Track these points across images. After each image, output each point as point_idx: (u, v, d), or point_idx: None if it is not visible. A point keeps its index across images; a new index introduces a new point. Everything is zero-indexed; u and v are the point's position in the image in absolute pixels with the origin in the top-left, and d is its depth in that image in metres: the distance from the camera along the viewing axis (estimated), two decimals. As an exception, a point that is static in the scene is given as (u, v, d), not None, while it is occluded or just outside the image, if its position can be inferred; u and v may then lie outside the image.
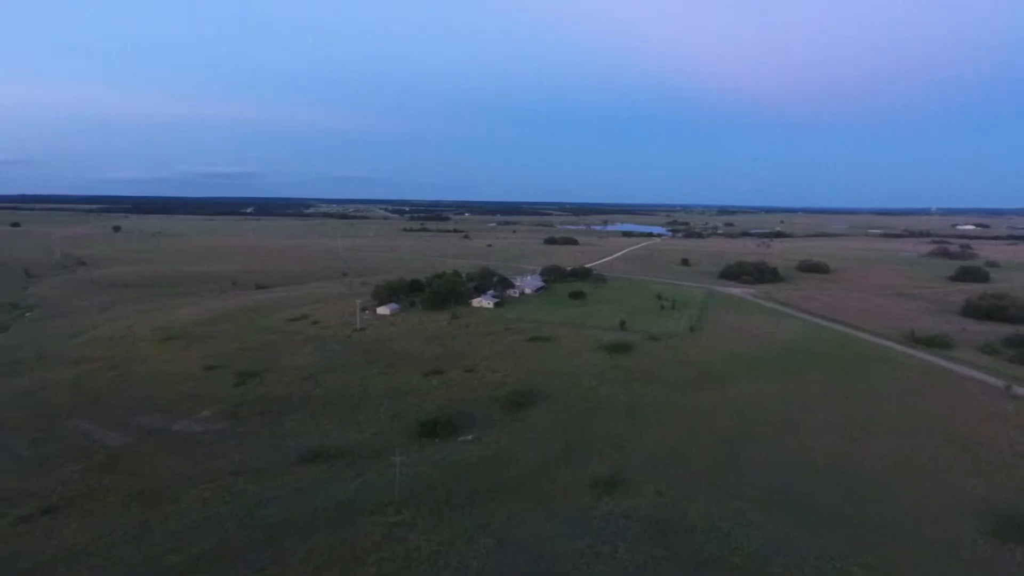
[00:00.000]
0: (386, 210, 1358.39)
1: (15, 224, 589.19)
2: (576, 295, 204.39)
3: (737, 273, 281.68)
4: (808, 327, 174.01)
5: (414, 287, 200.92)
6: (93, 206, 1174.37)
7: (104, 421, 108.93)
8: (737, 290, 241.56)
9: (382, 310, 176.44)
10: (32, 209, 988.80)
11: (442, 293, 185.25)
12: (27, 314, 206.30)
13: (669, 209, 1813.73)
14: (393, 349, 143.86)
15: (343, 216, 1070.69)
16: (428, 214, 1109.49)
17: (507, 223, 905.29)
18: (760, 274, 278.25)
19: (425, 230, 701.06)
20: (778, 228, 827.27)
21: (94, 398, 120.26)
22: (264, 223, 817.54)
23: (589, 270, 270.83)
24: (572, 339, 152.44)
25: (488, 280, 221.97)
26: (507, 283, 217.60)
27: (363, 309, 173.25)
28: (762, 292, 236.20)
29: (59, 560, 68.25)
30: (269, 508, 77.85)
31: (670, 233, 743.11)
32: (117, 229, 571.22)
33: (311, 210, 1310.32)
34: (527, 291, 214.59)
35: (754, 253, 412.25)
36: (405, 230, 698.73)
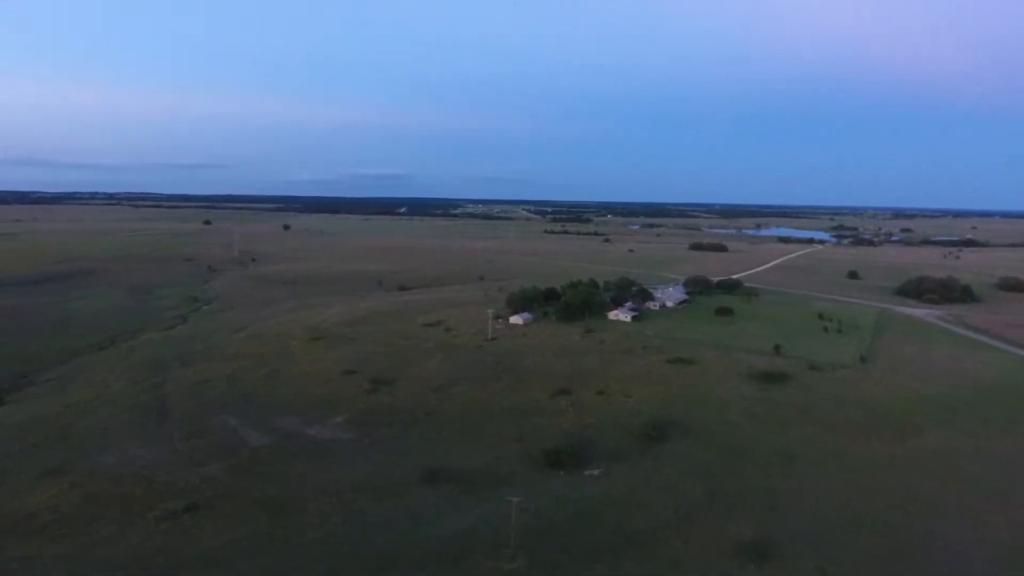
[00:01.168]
0: (529, 211, 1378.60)
1: (207, 222, 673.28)
2: (723, 311, 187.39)
3: (918, 290, 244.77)
4: (1018, 363, 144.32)
5: (549, 296, 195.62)
6: (271, 206, 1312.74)
7: (250, 419, 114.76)
8: (919, 311, 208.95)
9: (514, 319, 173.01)
10: (223, 208, 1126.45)
11: (576, 304, 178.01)
12: (204, 307, 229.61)
13: (833, 211, 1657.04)
14: (522, 363, 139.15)
15: (487, 217, 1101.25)
16: (570, 215, 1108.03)
17: (650, 226, 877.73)
18: (948, 292, 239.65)
19: (566, 232, 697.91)
20: (969, 235, 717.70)
21: (245, 394, 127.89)
22: (414, 223, 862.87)
23: (739, 282, 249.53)
24: (717, 363, 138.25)
25: (626, 290, 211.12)
26: (647, 294, 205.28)
27: (496, 317, 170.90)
28: (951, 315, 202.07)
29: (189, 564, 70.40)
30: (383, 533, 75.58)
31: (834, 239, 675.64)
32: (287, 228, 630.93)
33: (458, 210, 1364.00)
34: (669, 304, 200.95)
35: (939, 266, 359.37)
36: (546, 232, 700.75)
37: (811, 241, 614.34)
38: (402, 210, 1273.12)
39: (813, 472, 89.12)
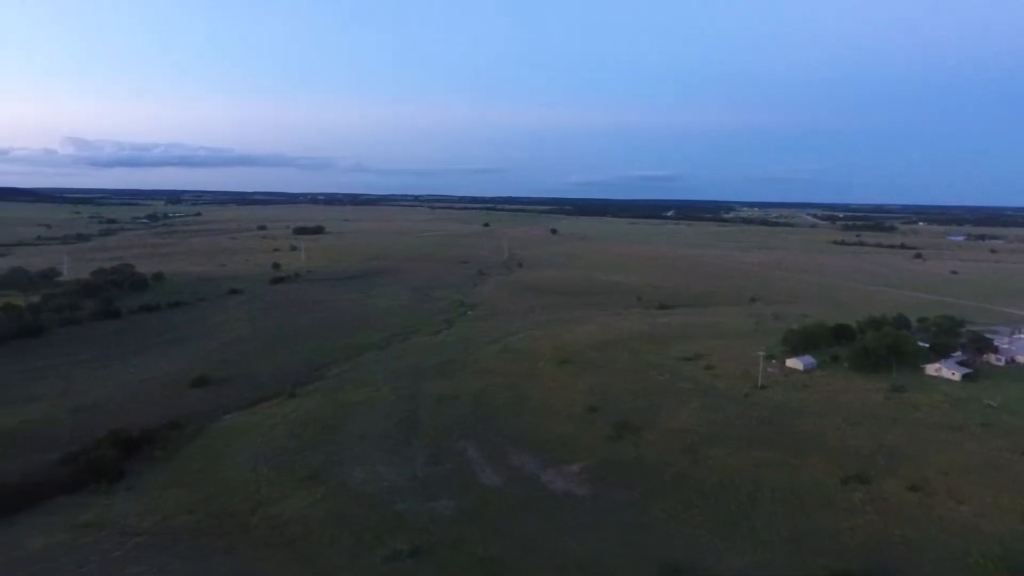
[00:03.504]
0: (814, 216, 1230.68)
1: (486, 225, 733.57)
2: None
3: None
4: None
5: (839, 335, 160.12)
6: (544, 208, 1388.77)
7: (488, 450, 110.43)
8: None
9: (792, 363, 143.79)
10: (502, 210, 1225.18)
11: (879, 350, 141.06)
12: (469, 312, 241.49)
13: None
14: (801, 427, 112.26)
15: (764, 222, 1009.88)
16: (866, 222, 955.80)
17: (980, 237, 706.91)
18: None
19: (861, 244, 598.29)
20: None
21: (487, 419, 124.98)
22: (680, 228, 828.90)
23: None
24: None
25: (952, 334, 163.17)
26: (984, 342, 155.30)
27: (768, 358, 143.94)
28: None
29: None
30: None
31: None
32: (554, 232, 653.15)
33: (731, 214, 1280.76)
34: (1020, 359, 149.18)
35: None
36: (835, 243, 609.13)
37: None
38: (669, 213, 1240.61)
39: None
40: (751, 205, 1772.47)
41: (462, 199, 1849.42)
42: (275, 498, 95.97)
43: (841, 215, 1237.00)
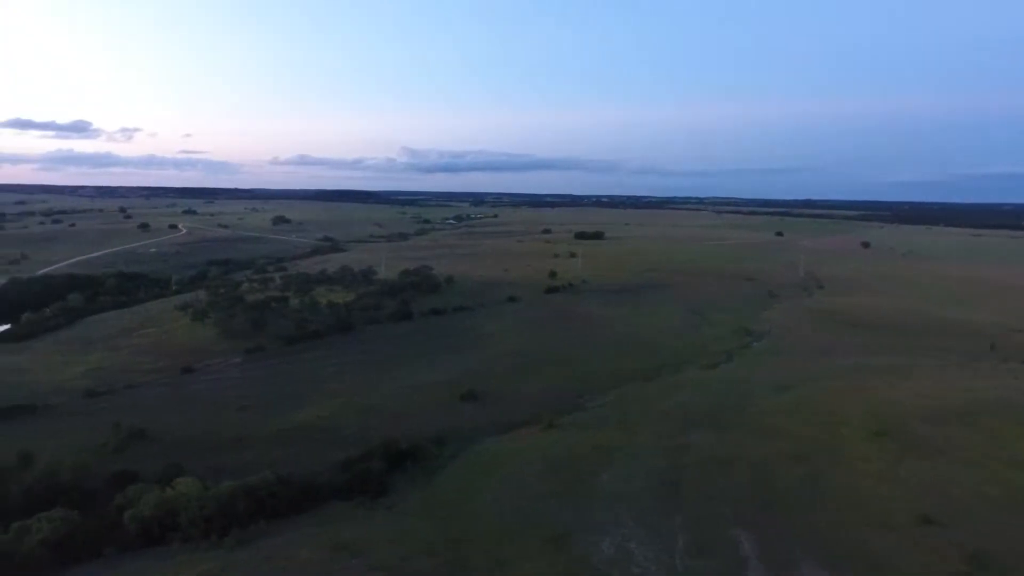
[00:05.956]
0: None
1: (779, 234, 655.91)
2: None
3: None
4: None
5: None
6: (852, 213, 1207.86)
7: (770, 552, 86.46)
8: None
9: None
10: (798, 216, 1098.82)
11: None
12: (754, 344, 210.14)
13: None
14: None
15: None
16: None
17: None
18: None
19: None
20: None
21: (770, 503, 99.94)
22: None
23: None
24: None
25: None
26: None
27: None
28: None
29: None
30: None
31: None
32: (866, 245, 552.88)
33: None
34: None
35: None
36: None
37: None
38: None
39: None
40: None
41: (751, 202, 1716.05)
42: (513, 559, 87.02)
43: None
